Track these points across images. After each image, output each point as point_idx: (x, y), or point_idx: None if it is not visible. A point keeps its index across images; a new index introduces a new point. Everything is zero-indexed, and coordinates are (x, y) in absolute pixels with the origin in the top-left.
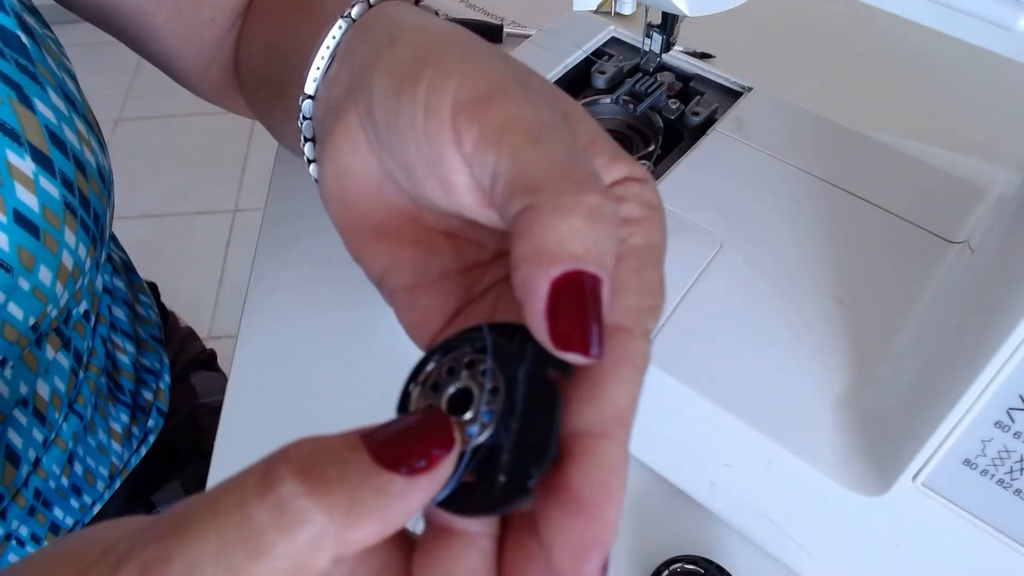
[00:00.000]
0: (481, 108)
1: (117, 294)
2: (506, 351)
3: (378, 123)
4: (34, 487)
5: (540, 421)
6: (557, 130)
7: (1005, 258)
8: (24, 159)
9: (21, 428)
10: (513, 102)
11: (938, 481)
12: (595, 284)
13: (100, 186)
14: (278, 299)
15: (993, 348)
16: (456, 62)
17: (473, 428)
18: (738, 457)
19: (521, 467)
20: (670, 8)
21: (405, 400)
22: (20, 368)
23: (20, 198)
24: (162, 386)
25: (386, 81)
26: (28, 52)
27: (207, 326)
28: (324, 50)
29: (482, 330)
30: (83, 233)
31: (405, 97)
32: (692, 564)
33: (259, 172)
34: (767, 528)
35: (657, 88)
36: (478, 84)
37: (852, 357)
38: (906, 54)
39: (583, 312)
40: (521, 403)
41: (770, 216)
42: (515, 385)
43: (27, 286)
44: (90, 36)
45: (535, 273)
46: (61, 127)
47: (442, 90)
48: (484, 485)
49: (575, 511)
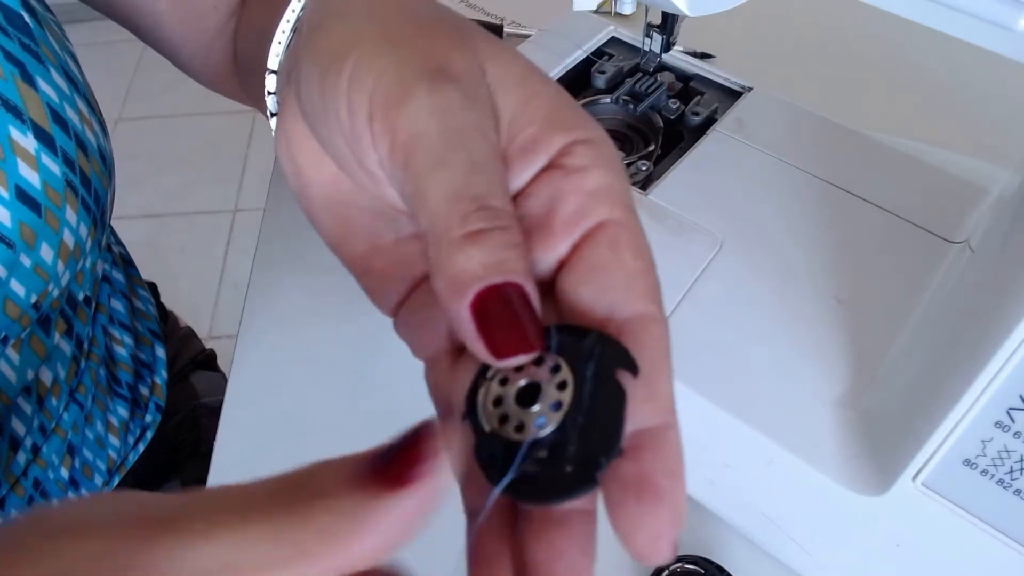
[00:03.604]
0: (392, 118)
1: (116, 286)
2: (575, 350)
3: (307, 113)
4: (33, 476)
5: (608, 416)
6: (462, 140)
7: (1005, 258)
8: (27, 136)
9: (24, 415)
10: (422, 112)
11: (938, 481)
12: (510, 290)
13: (101, 167)
14: (278, 299)
15: (993, 348)
16: (373, 56)
17: (540, 420)
18: (738, 457)
19: (589, 458)
20: (670, 8)
21: (473, 396)
22: (28, 354)
23: (22, 174)
24: (159, 381)
25: (311, 72)
26: (31, 31)
27: (207, 326)
28: (285, 24)
29: (551, 330)
30: (84, 212)
31: (328, 94)
32: (692, 564)
33: (259, 172)
34: (767, 528)
35: (657, 88)
36: (391, 86)
37: (852, 357)
38: (906, 54)
39: (510, 320)
40: (588, 399)
41: (770, 216)
42: (583, 382)
43: (29, 263)
44: (90, 36)
45: (454, 306)
46: (63, 106)
47: (361, 88)
48: (550, 474)
49: (653, 500)
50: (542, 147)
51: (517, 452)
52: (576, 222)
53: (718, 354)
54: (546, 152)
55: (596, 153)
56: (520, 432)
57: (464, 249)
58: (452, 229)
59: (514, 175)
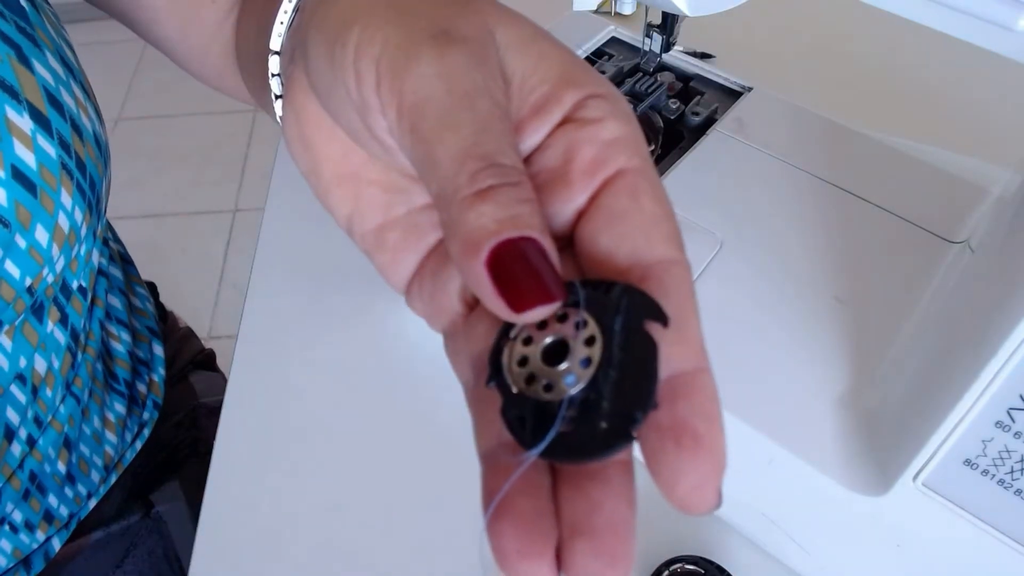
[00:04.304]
0: (399, 81)
1: (113, 282)
2: (601, 303)
3: (317, 87)
4: (30, 469)
5: (640, 369)
6: (469, 101)
7: (1005, 258)
8: (23, 116)
9: (18, 404)
10: (428, 75)
11: (939, 481)
12: (525, 244)
13: (96, 152)
14: (278, 299)
15: (993, 348)
16: (379, 23)
17: (570, 378)
18: (738, 457)
19: (624, 412)
20: (670, 8)
21: (497, 357)
22: (21, 341)
23: (18, 154)
24: (156, 379)
25: (318, 45)
26: (27, 16)
27: (207, 326)
28: (287, 3)
29: (574, 285)
30: (79, 197)
31: (337, 63)
32: (692, 564)
33: (259, 172)
34: (767, 528)
35: (657, 88)
36: (397, 51)
37: (852, 357)
38: (906, 54)
39: (528, 273)
40: (619, 353)
41: (770, 216)
42: (612, 336)
43: (24, 244)
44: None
45: (469, 266)
46: (59, 89)
47: (368, 55)
48: (585, 432)
49: (693, 447)
50: (555, 104)
51: (548, 412)
52: (594, 171)
53: (718, 354)
54: (560, 108)
55: (611, 106)
56: (549, 392)
57: (475, 207)
58: (462, 189)
59: (529, 133)
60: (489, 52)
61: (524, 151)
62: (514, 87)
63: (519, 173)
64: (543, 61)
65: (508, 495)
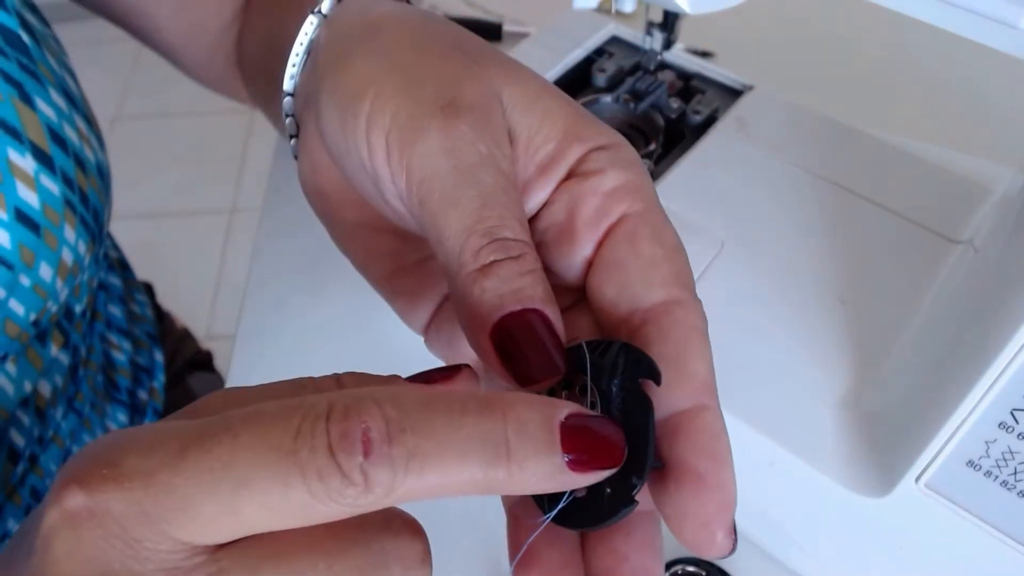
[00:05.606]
0: (407, 156)
1: (112, 291)
2: (598, 366)
3: (331, 151)
4: (31, 485)
5: (636, 431)
6: (473, 176)
7: (1009, 257)
8: (25, 157)
9: (23, 427)
10: (433, 150)
11: (941, 482)
12: (530, 316)
13: (99, 183)
14: (276, 299)
15: (997, 348)
16: (389, 95)
17: None
18: (740, 458)
19: (624, 478)
20: (671, 6)
21: None
22: (25, 366)
23: (21, 196)
24: (156, 385)
25: (331, 111)
26: (29, 51)
27: (204, 326)
28: (298, 46)
29: (581, 347)
30: (83, 230)
31: (349, 135)
32: (693, 566)
33: (257, 171)
34: (769, 529)
35: (658, 87)
36: (405, 125)
37: (855, 357)
38: (909, 52)
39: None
40: (616, 416)
41: (772, 215)
42: (609, 400)
43: (28, 283)
44: (87, 34)
45: (475, 340)
46: (62, 125)
47: (378, 128)
48: (592, 499)
49: (695, 486)
50: (560, 160)
51: None
52: (597, 222)
53: (719, 355)
54: (565, 164)
55: (612, 155)
56: None
57: (478, 282)
58: (466, 265)
59: (535, 192)
60: (495, 117)
61: (532, 209)
62: (520, 146)
63: (522, 245)
64: (548, 118)
65: (535, 546)
